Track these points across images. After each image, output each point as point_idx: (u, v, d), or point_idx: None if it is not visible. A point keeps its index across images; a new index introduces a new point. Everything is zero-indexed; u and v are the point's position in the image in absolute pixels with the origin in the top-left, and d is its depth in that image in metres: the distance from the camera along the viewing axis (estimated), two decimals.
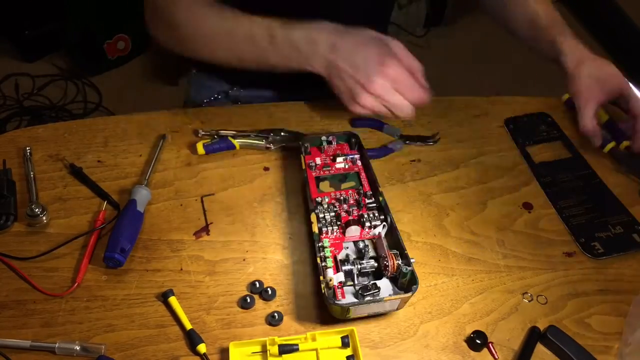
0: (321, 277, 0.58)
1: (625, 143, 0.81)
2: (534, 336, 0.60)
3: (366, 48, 0.66)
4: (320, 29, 0.69)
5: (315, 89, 0.82)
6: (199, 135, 0.79)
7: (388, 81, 0.65)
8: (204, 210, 0.71)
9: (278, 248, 0.67)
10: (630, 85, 0.74)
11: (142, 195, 0.69)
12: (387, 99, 0.66)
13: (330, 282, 0.58)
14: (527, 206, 0.75)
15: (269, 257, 0.66)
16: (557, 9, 0.85)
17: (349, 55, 0.66)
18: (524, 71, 2.22)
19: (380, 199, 0.66)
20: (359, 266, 0.60)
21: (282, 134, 0.78)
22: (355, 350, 0.57)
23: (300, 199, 0.73)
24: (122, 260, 0.63)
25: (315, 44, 0.68)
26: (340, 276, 0.59)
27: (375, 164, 0.74)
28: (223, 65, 0.75)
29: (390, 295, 0.58)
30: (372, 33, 0.69)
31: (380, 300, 0.56)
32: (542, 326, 0.61)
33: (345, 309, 0.56)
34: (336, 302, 0.56)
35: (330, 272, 0.58)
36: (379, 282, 0.59)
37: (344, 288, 0.59)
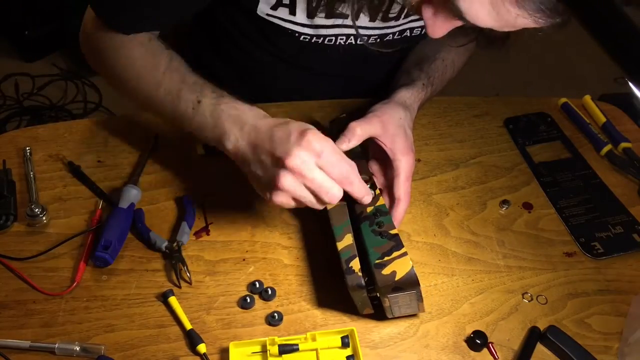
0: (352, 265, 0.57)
1: (622, 145, 0.81)
2: (534, 336, 0.60)
3: (291, 124, 0.57)
4: (249, 112, 0.61)
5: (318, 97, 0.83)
6: None
7: (311, 154, 0.54)
8: (204, 210, 0.71)
9: (278, 248, 0.67)
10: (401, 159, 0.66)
11: (129, 195, 0.69)
12: (308, 175, 0.54)
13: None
14: (527, 206, 0.75)
15: (269, 257, 0.66)
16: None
17: (271, 134, 0.56)
18: (524, 71, 2.22)
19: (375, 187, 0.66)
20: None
21: None
22: (355, 350, 0.57)
23: None
24: (107, 258, 0.63)
25: (239, 125, 0.59)
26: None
27: None
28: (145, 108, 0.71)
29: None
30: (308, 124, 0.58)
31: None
32: (542, 326, 0.61)
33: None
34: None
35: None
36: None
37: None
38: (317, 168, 0.55)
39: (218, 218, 0.70)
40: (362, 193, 0.60)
